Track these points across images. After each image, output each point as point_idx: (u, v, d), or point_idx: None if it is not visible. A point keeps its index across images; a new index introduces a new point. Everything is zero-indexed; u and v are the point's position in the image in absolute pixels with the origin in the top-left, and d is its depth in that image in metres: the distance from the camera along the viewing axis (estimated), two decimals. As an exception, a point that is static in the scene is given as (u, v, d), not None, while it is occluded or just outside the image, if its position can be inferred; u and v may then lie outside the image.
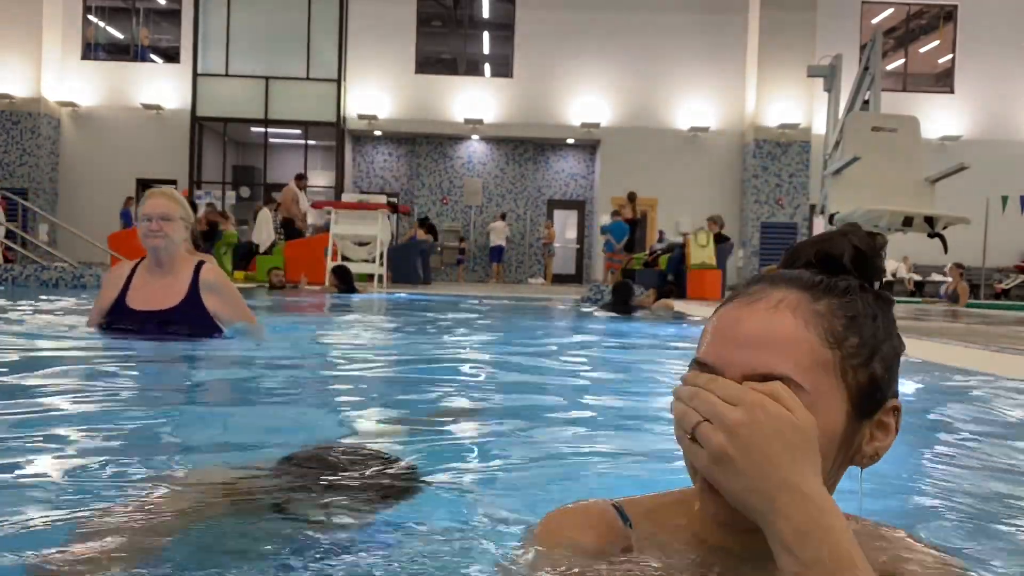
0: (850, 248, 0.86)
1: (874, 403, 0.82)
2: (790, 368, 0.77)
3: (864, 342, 0.81)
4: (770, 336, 0.79)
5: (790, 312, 0.80)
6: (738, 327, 0.81)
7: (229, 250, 16.66)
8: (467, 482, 1.58)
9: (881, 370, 0.82)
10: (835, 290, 0.83)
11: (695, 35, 21.03)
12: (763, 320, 0.80)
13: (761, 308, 0.81)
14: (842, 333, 0.80)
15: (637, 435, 2.19)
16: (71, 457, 1.71)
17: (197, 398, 2.70)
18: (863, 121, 10.46)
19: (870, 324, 0.82)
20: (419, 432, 2.13)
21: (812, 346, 0.78)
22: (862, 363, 0.81)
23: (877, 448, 0.84)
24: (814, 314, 0.80)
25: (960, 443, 2.26)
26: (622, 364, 4.31)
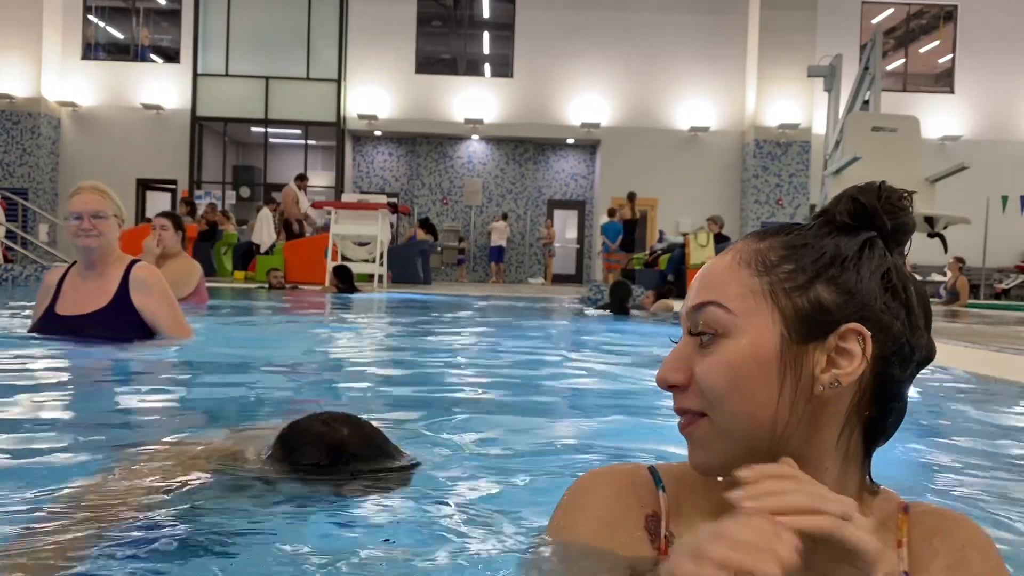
0: (846, 203, 0.89)
1: (819, 327, 0.83)
2: (718, 295, 0.86)
3: (801, 268, 0.85)
4: (709, 275, 0.89)
5: (731, 255, 0.89)
6: (695, 277, 0.91)
7: (229, 250, 16.67)
8: (467, 482, 1.58)
9: (831, 295, 0.84)
10: (785, 229, 0.90)
11: (695, 35, 21.04)
12: (709, 265, 0.90)
13: (716, 258, 0.90)
14: (774, 261, 0.86)
15: (636, 435, 2.19)
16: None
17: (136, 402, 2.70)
18: (863, 121, 10.46)
19: (814, 252, 0.86)
20: (419, 431, 2.13)
21: (740, 276, 0.86)
22: (798, 287, 0.84)
23: (837, 375, 0.82)
24: (751, 252, 0.87)
25: (960, 443, 2.26)
26: (618, 365, 4.31)
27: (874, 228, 0.88)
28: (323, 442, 1.39)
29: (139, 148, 20.99)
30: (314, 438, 1.39)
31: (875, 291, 0.85)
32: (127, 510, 1.22)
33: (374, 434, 1.48)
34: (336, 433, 1.40)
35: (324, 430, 1.40)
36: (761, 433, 0.83)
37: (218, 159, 21.98)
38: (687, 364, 0.86)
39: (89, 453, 1.74)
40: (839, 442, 0.85)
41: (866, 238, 0.87)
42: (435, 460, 1.74)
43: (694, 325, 0.87)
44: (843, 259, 0.85)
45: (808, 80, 17.29)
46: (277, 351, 4.45)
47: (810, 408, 0.83)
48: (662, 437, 2.18)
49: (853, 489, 0.87)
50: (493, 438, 2.09)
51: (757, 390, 0.82)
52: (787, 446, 0.82)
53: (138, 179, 21.36)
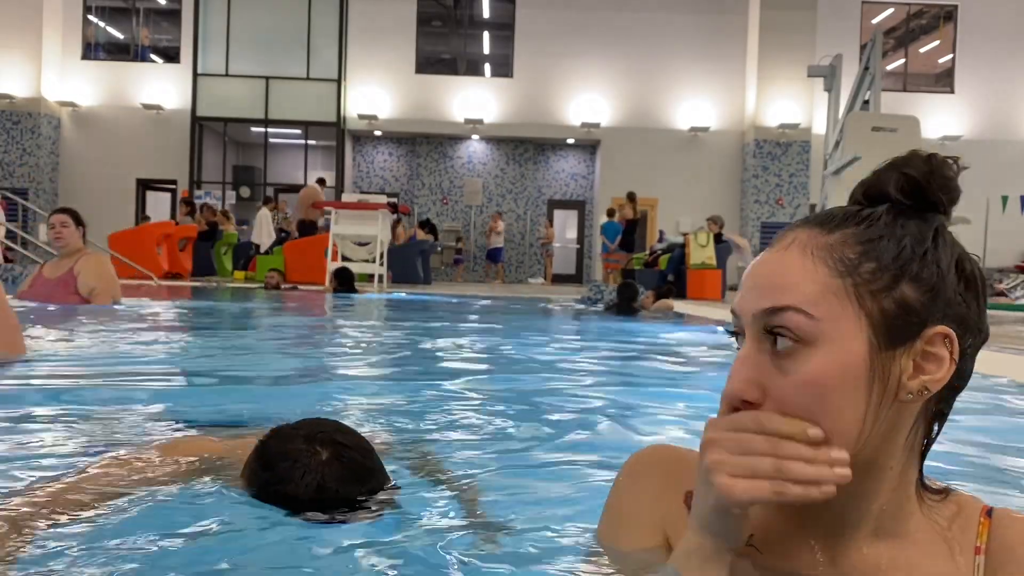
0: (897, 178, 0.82)
1: (906, 330, 0.78)
2: (796, 299, 0.77)
3: (885, 266, 0.78)
4: (778, 273, 0.79)
5: (798, 249, 0.80)
6: (753, 271, 0.82)
7: (229, 250, 16.67)
8: (466, 481, 1.58)
9: (915, 293, 0.78)
10: (853, 219, 0.81)
11: (695, 35, 21.04)
12: (773, 261, 0.81)
13: (775, 251, 0.82)
14: (855, 260, 0.78)
15: (635, 434, 2.19)
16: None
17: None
18: (863, 121, 10.45)
19: (893, 246, 0.79)
20: (417, 433, 2.13)
21: (819, 276, 0.78)
22: (884, 287, 0.78)
23: (925, 382, 0.78)
24: (824, 247, 0.79)
25: (959, 443, 2.26)
26: (621, 364, 4.31)
27: (929, 204, 0.82)
28: (302, 481, 1.26)
29: (139, 148, 20.99)
30: (292, 477, 1.26)
31: (953, 283, 0.80)
32: (83, 511, 1.21)
33: (359, 462, 1.32)
34: (313, 474, 1.26)
35: (303, 468, 1.26)
36: (842, 445, 0.77)
37: (218, 159, 21.98)
38: (761, 377, 0.79)
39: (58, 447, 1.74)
40: (906, 440, 0.81)
41: (937, 224, 0.82)
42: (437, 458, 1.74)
43: (764, 329, 0.79)
44: (924, 252, 0.79)
45: (808, 80, 17.27)
46: (270, 352, 4.45)
47: (892, 412, 0.79)
48: (660, 436, 2.18)
49: (912, 484, 0.84)
50: (491, 437, 2.09)
51: (846, 406, 0.76)
52: (862, 454, 0.78)
53: (138, 179, 21.37)
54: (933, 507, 0.86)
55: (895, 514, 0.83)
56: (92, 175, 20.81)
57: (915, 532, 0.84)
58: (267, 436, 1.34)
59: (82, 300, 5.33)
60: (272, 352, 4.42)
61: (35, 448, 1.79)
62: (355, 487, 1.29)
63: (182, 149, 20.92)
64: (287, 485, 1.25)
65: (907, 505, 0.84)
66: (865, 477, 0.80)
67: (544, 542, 1.18)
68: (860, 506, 0.81)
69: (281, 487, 1.26)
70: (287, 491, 1.25)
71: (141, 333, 4.60)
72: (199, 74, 20.84)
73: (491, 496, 1.47)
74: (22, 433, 1.94)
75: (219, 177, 21.78)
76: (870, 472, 0.80)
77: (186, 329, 5.75)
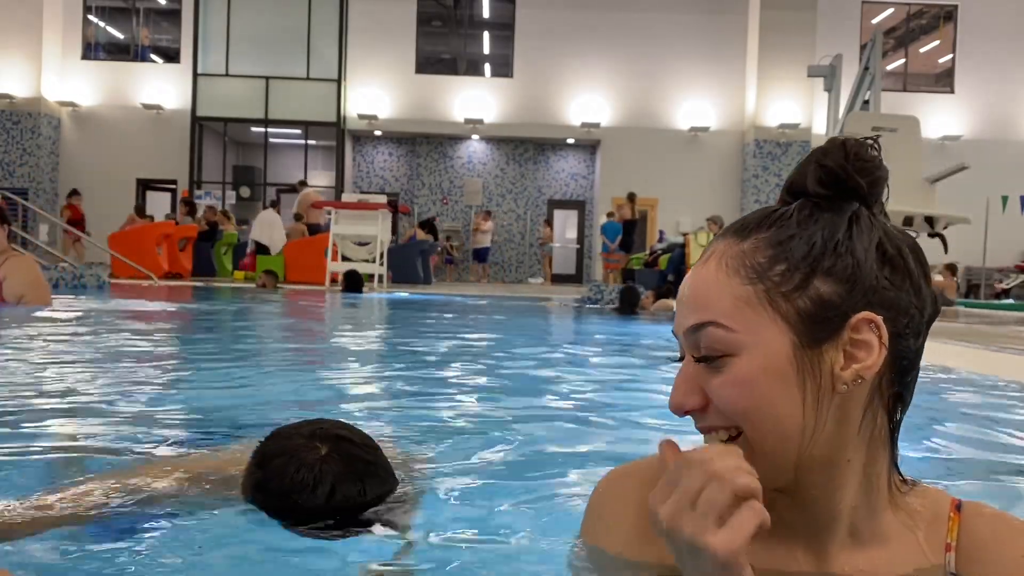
0: (815, 170, 0.83)
1: (828, 324, 0.78)
2: (713, 314, 0.79)
3: (795, 265, 0.79)
4: (697, 290, 0.82)
5: (715, 262, 0.82)
6: (681, 290, 0.85)
7: (229, 250, 16.67)
8: (467, 481, 1.58)
9: (831, 287, 0.78)
10: (766, 223, 0.82)
11: (695, 35, 21.03)
12: (696, 277, 0.83)
13: (698, 267, 0.84)
14: (764, 264, 0.79)
15: (633, 434, 2.19)
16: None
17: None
18: (863, 121, 10.46)
19: (803, 244, 0.79)
20: (415, 438, 2.13)
21: (732, 287, 0.79)
22: (796, 287, 0.78)
23: (858, 371, 0.78)
24: (736, 256, 0.81)
25: (959, 443, 2.26)
26: (620, 365, 4.31)
27: (849, 191, 0.82)
28: (303, 492, 1.20)
29: (139, 148, 20.99)
30: (292, 488, 1.20)
31: (874, 269, 0.79)
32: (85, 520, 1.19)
33: (361, 458, 1.26)
34: (311, 470, 1.20)
35: (305, 479, 1.20)
36: (790, 444, 0.78)
37: (218, 159, 21.98)
38: (699, 385, 0.80)
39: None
40: (861, 429, 0.81)
41: (851, 213, 0.81)
42: (437, 461, 1.74)
43: (694, 347, 0.81)
44: (835, 244, 0.79)
45: (808, 80, 17.28)
46: (264, 354, 4.45)
47: (834, 406, 0.79)
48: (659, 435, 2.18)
49: (882, 477, 0.83)
50: (491, 437, 2.08)
51: (779, 404, 0.77)
52: (815, 448, 0.78)
53: (138, 179, 21.36)
54: (903, 501, 0.86)
55: (868, 513, 0.83)
56: (92, 175, 20.81)
57: (888, 530, 0.84)
58: (266, 437, 1.29)
59: (4, 304, 4.81)
60: (269, 354, 4.41)
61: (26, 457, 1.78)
62: (355, 484, 1.22)
63: (182, 149, 20.92)
64: (283, 481, 1.19)
65: (878, 501, 0.83)
66: (827, 475, 0.80)
67: (542, 543, 1.18)
68: (830, 506, 0.81)
69: (276, 483, 1.19)
70: (283, 488, 1.19)
71: (137, 333, 4.59)
72: (199, 74, 20.84)
73: (489, 499, 1.46)
74: (15, 441, 1.93)
75: (219, 177, 21.78)
76: (829, 469, 0.80)
77: (183, 330, 5.74)
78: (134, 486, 1.33)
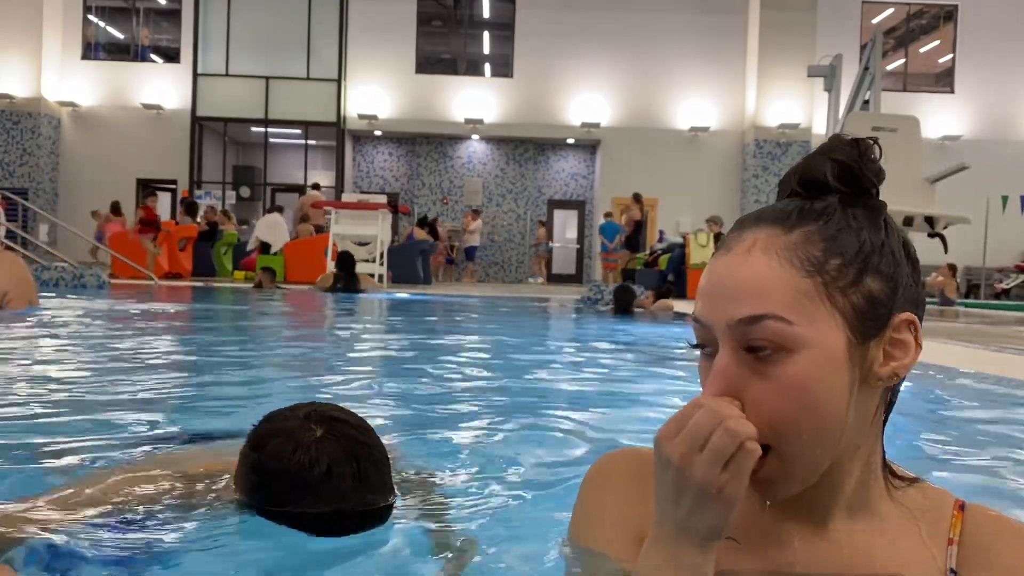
0: (831, 166, 0.81)
1: (878, 321, 0.78)
2: (772, 306, 0.76)
3: (849, 260, 0.78)
4: (747, 280, 0.77)
5: (761, 252, 0.78)
6: (718, 279, 0.80)
7: (229, 250, 16.67)
8: (465, 482, 1.58)
9: (879, 285, 0.78)
10: (809, 215, 0.80)
11: (695, 35, 21.03)
12: (739, 266, 0.79)
13: (736, 255, 0.80)
14: (820, 258, 0.77)
15: (633, 434, 2.19)
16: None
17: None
18: (863, 121, 10.46)
19: (853, 240, 0.79)
20: (416, 433, 2.13)
21: (790, 279, 0.76)
22: (851, 282, 0.77)
23: (895, 368, 0.79)
24: (787, 247, 0.78)
25: (959, 443, 2.26)
26: (620, 365, 4.31)
27: (861, 189, 0.82)
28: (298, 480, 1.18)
29: (139, 148, 20.99)
30: (289, 476, 1.19)
31: (907, 269, 0.81)
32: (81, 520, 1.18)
33: (356, 439, 1.25)
34: (306, 451, 1.19)
35: (302, 462, 1.19)
36: (827, 449, 0.78)
37: (218, 159, 21.98)
38: (737, 387, 0.77)
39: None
40: (872, 422, 0.82)
41: (884, 215, 0.82)
42: (436, 460, 1.74)
43: (741, 340, 0.77)
44: (881, 243, 0.80)
45: (808, 80, 17.28)
46: (261, 355, 4.45)
47: (862, 400, 0.79)
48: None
49: (877, 465, 0.85)
50: (490, 437, 2.08)
51: (831, 403, 0.76)
52: (842, 444, 0.79)
53: (138, 179, 21.35)
54: (901, 493, 0.87)
55: (865, 494, 0.84)
56: (92, 175, 20.81)
57: (886, 513, 0.85)
58: (261, 420, 1.28)
59: None
60: (266, 356, 4.41)
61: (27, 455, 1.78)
62: (350, 464, 1.20)
63: (182, 149, 20.91)
64: (279, 461, 1.18)
65: (875, 484, 0.85)
66: (837, 462, 0.81)
67: (540, 544, 1.18)
68: (835, 488, 0.82)
69: (272, 464, 1.18)
70: (278, 468, 1.17)
71: (132, 334, 4.58)
72: (199, 74, 20.84)
73: (486, 501, 1.46)
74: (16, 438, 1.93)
75: (219, 177, 21.78)
76: (841, 457, 0.80)
77: (179, 332, 5.74)
78: (130, 485, 1.33)
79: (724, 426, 0.72)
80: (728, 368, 0.77)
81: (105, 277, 10.33)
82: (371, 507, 1.24)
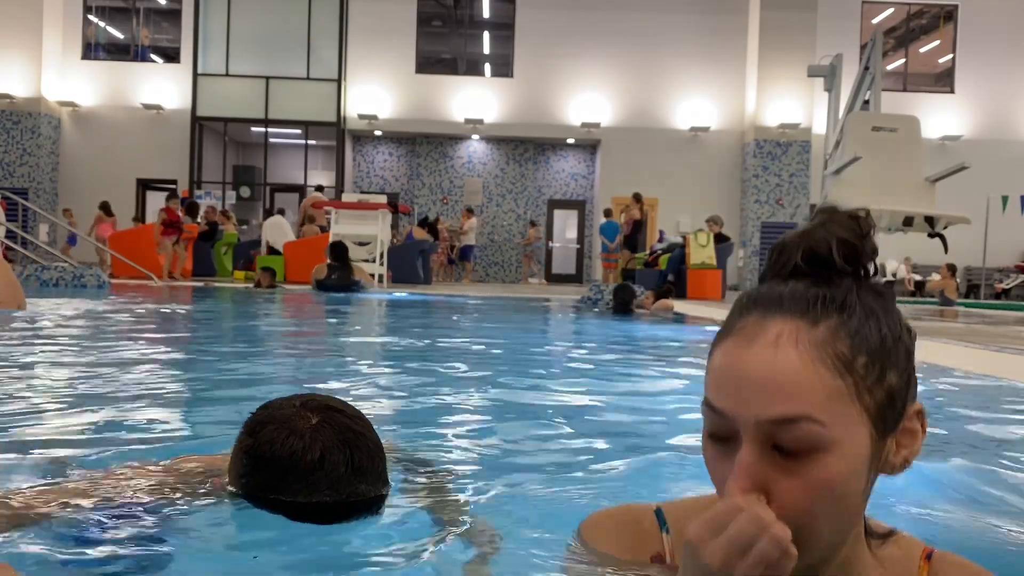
0: (836, 241, 0.80)
1: (896, 415, 0.79)
2: (806, 407, 0.74)
3: (874, 356, 0.77)
4: (779, 378, 0.75)
5: (792, 347, 0.76)
6: (743, 371, 0.77)
7: (229, 250, 16.68)
8: (465, 479, 1.58)
9: (897, 379, 0.78)
10: (832, 305, 0.78)
11: (695, 35, 21.04)
12: (767, 361, 0.76)
13: (762, 347, 0.77)
14: (849, 355, 0.76)
15: (634, 432, 2.19)
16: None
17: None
18: (863, 121, 10.46)
19: (875, 331, 0.78)
20: (413, 435, 2.13)
21: (822, 379, 0.75)
22: (876, 380, 0.77)
23: (906, 456, 0.81)
24: (815, 343, 0.76)
25: (959, 444, 2.26)
26: (619, 366, 4.31)
27: (860, 267, 0.81)
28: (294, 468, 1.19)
29: (139, 148, 20.99)
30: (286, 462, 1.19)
31: (912, 355, 0.81)
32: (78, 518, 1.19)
33: (351, 428, 1.25)
34: (300, 437, 1.20)
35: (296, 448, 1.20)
36: (845, 534, 0.80)
37: (218, 159, 21.98)
38: (763, 484, 0.76)
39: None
40: (869, 491, 0.83)
41: (876, 288, 0.81)
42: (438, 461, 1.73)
43: (769, 437, 0.76)
44: (898, 335, 0.79)
45: (808, 80, 17.27)
46: (259, 355, 4.45)
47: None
48: (660, 436, 2.18)
49: (863, 528, 0.86)
50: (491, 436, 2.08)
51: (853, 498, 0.78)
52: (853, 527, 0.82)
53: (138, 179, 21.37)
54: (878, 549, 0.88)
55: (852, 557, 0.85)
56: (92, 175, 20.82)
57: (866, 571, 0.86)
58: (257, 408, 1.28)
59: None
60: (264, 356, 4.41)
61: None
62: (344, 452, 1.21)
63: (182, 149, 20.92)
64: (273, 447, 1.18)
65: (860, 547, 0.86)
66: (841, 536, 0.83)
67: (538, 545, 1.18)
68: (828, 560, 0.83)
69: (267, 450, 1.19)
70: (273, 454, 1.18)
71: (129, 335, 4.58)
72: (199, 74, 20.84)
73: (485, 500, 1.46)
74: (14, 437, 1.94)
75: (219, 177, 21.78)
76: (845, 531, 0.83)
77: (178, 332, 5.74)
78: (124, 480, 1.33)
79: (770, 535, 0.71)
80: (754, 465, 0.76)
81: (105, 277, 10.33)
82: (364, 498, 1.24)
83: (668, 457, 1.82)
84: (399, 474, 1.49)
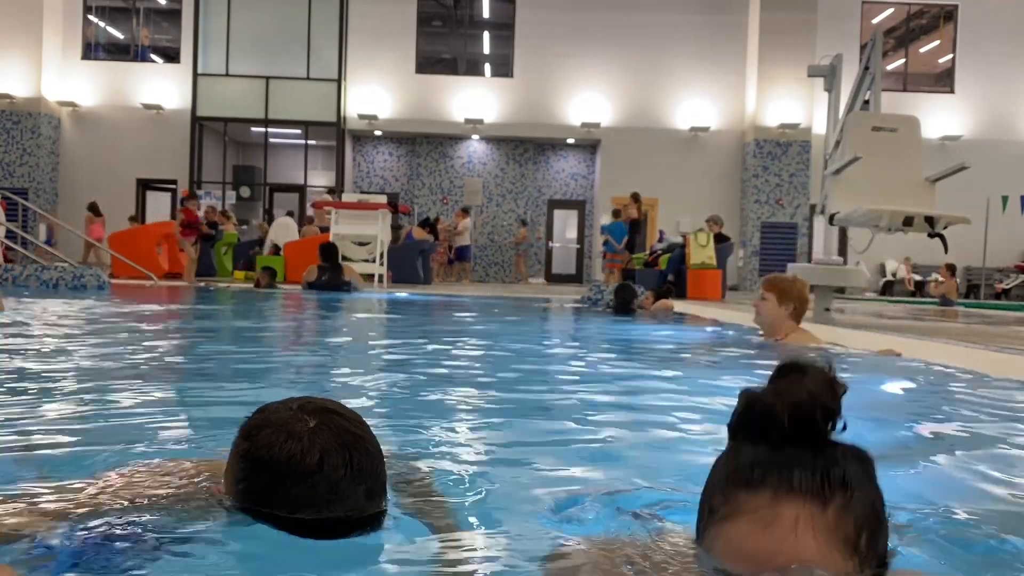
0: (820, 409, 0.87)
1: (883, 568, 0.89)
2: None
3: (872, 531, 0.87)
4: (800, 562, 0.84)
5: (811, 536, 0.84)
6: (766, 558, 0.84)
7: (229, 250, 16.68)
8: (466, 481, 1.58)
9: (884, 538, 0.90)
10: (836, 483, 0.86)
11: (695, 35, 21.04)
12: (790, 551, 0.83)
13: (783, 534, 0.84)
14: (854, 536, 0.85)
15: (633, 433, 2.19)
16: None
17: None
18: (863, 121, 10.45)
19: (869, 507, 0.87)
20: (410, 439, 2.13)
21: (836, 564, 0.84)
22: (873, 550, 0.87)
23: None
24: (827, 528, 0.84)
25: (959, 444, 2.26)
26: (619, 366, 4.31)
27: (834, 426, 0.90)
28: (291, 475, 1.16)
29: (139, 148, 21.00)
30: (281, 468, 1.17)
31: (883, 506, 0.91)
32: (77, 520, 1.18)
33: (350, 431, 1.23)
34: (298, 440, 1.17)
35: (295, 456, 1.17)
36: None
37: (218, 159, 21.99)
38: None
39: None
40: None
41: (855, 452, 0.90)
42: (436, 461, 1.73)
43: None
44: (880, 499, 0.90)
45: (808, 80, 17.24)
46: (259, 356, 4.45)
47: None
48: (662, 436, 2.18)
49: None
50: (490, 436, 2.08)
51: None
52: None
53: (138, 179, 21.38)
54: None
55: None
56: (92, 175, 20.82)
57: None
58: (253, 412, 1.26)
59: None
60: (263, 357, 4.41)
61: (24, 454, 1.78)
62: (343, 455, 1.18)
63: (182, 149, 20.92)
64: (271, 451, 1.16)
65: None
66: None
67: (537, 546, 1.18)
68: None
69: (264, 453, 1.17)
70: (270, 457, 1.16)
71: (120, 336, 4.58)
72: (199, 74, 20.85)
73: (482, 503, 1.46)
74: (17, 438, 1.94)
75: (219, 177, 21.79)
76: None
77: (177, 332, 5.74)
78: (120, 485, 1.32)
79: None
80: None
81: (105, 277, 10.33)
82: (363, 514, 1.21)
83: (668, 457, 1.82)
84: (393, 479, 1.49)
